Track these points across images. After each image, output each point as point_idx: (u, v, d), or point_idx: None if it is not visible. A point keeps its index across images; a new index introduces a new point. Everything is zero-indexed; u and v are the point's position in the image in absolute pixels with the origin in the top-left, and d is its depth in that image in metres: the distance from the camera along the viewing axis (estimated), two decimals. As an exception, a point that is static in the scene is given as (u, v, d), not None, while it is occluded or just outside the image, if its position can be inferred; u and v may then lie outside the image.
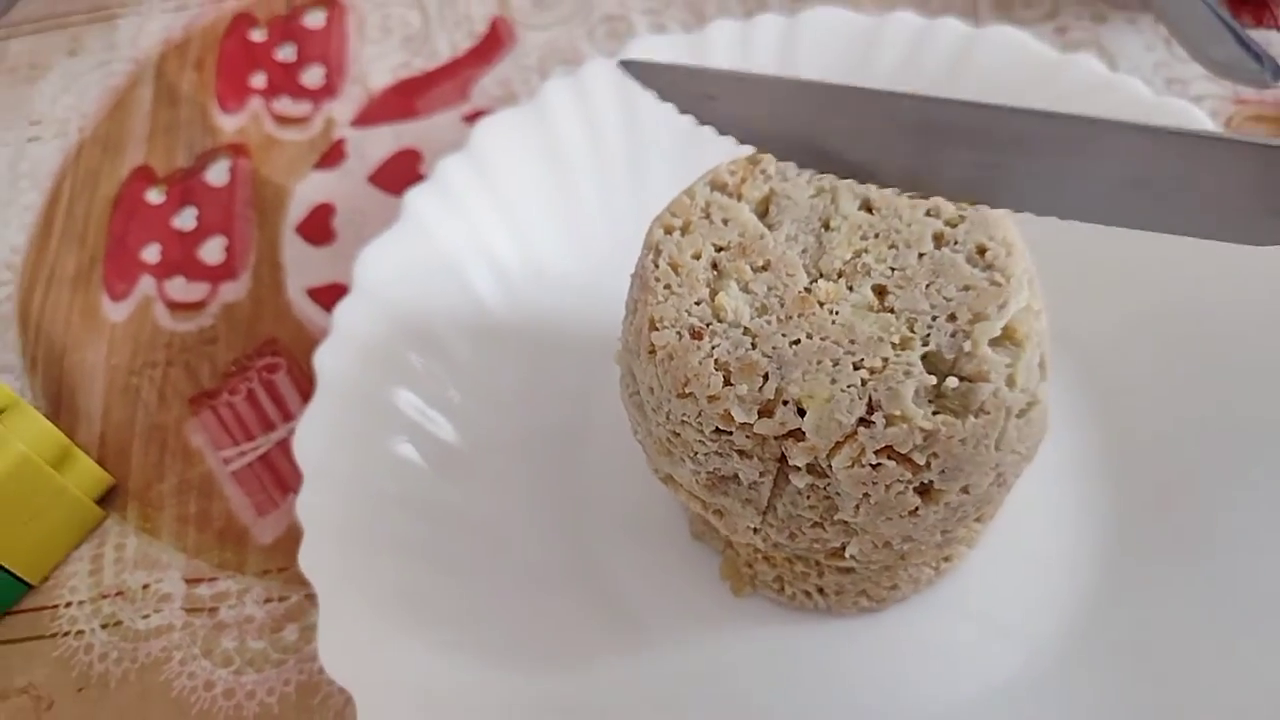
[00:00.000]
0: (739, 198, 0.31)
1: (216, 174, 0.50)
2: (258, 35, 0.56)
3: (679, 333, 0.28)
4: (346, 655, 0.31)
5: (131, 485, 0.41)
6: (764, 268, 0.29)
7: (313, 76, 0.53)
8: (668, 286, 0.29)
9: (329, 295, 0.45)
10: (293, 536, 0.38)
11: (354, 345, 0.37)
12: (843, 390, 0.26)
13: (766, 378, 0.27)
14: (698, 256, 0.30)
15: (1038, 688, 0.32)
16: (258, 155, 0.50)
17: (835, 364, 0.27)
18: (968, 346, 0.26)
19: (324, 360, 0.37)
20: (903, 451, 0.26)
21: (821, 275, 0.29)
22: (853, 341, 0.27)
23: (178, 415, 0.42)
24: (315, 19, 0.56)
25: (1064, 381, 0.37)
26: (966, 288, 0.28)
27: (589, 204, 0.43)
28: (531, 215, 0.42)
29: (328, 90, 0.53)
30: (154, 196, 0.50)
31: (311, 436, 0.35)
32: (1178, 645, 0.32)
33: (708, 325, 0.28)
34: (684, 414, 0.27)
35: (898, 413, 0.26)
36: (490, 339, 0.39)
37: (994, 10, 0.52)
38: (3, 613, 0.38)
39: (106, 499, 0.40)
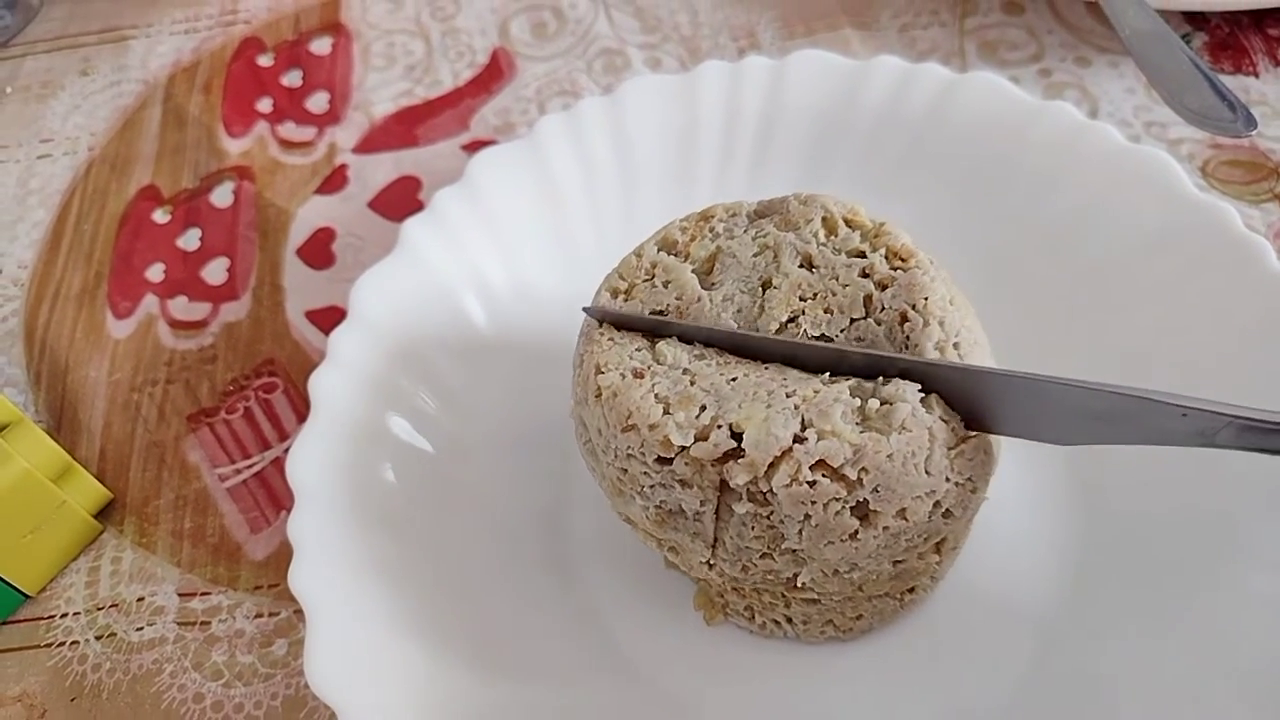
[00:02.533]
0: (685, 257, 0.34)
1: (221, 196, 0.51)
2: (265, 60, 0.57)
3: (622, 374, 0.30)
4: (333, 674, 0.32)
5: (129, 500, 0.42)
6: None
7: (317, 102, 0.55)
8: (610, 339, 0.32)
9: (327, 318, 0.46)
10: (284, 553, 0.40)
11: (349, 371, 0.38)
12: (777, 412, 0.28)
13: (704, 408, 0.29)
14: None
15: (1001, 717, 0.33)
16: (262, 178, 0.52)
17: (770, 394, 0.29)
18: (888, 390, 0.29)
19: (319, 385, 0.38)
20: (835, 465, 0.28)
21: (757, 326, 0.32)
22: (785, 379, 0.29)
23: (176, 432, 0.44)
24: (321, 45, 0.58)
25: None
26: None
27: (581, 236, 0.44)
28: (524, 247, 0.43)
29: (331, 116, 0.54)
30: (160, 216, 0.51)
31: (305, 459, 0.36)
32: (1139, 677, 0.33)
33: (648, 367, 0.30)
34: (629, 448, 0.29)
35: (828, 428, 0.28)
36: (481, 367, 0.40)
37: (980, 53, 0.53)
38: (1, 623, 0.39)
39: (104, 513, 0.42)
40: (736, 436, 0.28)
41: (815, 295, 0.32)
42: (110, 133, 0.55)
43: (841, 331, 0.31)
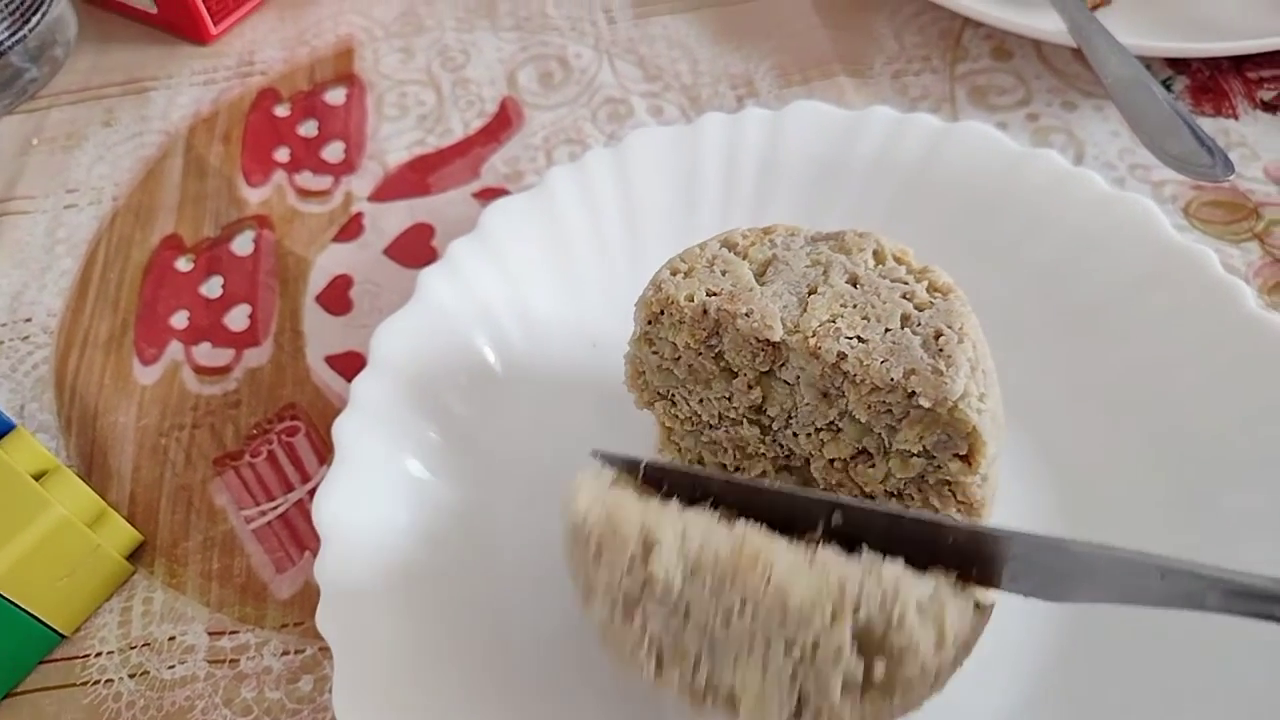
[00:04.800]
0: (744, 256, 0.36)
1: (242, 244, 0.54)
2: (282, 110, 0.60)
3: (613, 604, 0.29)
4: (360, 710, 0.34)
5: (159, 542, 0.44)
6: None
7: (333, 151, 0.57)
8: (601, 550, 0.29)
9: (346, 363, 0.48)
10: (309, 593, 0.41)
11: (370, 416, 0.40)
12: (774, 684, 0.27)
13: (698, 663, 0.27)
14: (691, 299, 0.34)
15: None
16: (280, 227, 0.54)
17: (767, 645, 0.27)
18: (896, 614, 0.26)
19: (343, 430, 0.40)
20: None
21: (797, 330, 0.33)
22: (784, 613, 0.26)
23: (203, 475, 0.45)
24: (336, 96, 0.60)
25: (1018, 452, 0.40)
26: (912, 372, 0.31)
27: (589, 281, 0.46)
28: (536, 293, 0.45)
29: (347, 165, 0.56)
30: (183, 265, 0.53)
31: (330, 502, 0.38)
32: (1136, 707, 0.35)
33: (639, 598, 0.28)
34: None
35: (825, 705, 0.26)
36: (498, 410, 0.42)
37: (970, 98, 0.56)
38: (37, 661, 0.41)
39: (136, 555, 0.43)
40: (732, 699, 0.27)
41: (856, 305, 0.33)
42: (133, 183, 0.57)
43: (870, 340, 0.32)
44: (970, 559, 0.28)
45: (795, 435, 0.36)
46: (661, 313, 0.35)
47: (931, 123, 0.47)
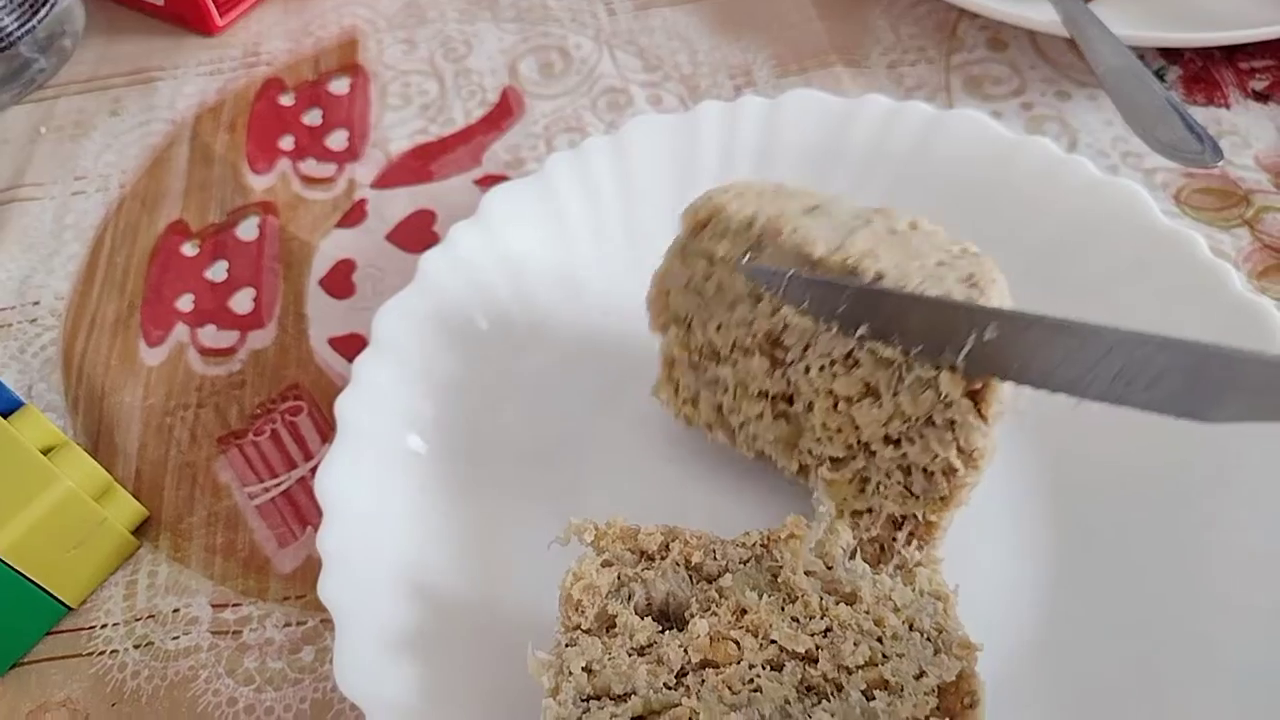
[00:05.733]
0: (793, 198, 0.38)
1: (247, 230, 0.54)
2: (286, 100, 0.61)
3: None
4: (360, 675, 0.34)
5: (164, 517, 0.44)
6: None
7: (337, 140, 0.58)
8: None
9: (348, 344, 0.49)
10: (310, 566, 0.42)
11: (372, 394, 0.41)
12: None
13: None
14: (739, 210, 0.37)
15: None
16: (285, 213, 0.55)
17: None
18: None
19: (344, 407, 0.40)
20: None
21: (840, 249, 0.35)
22: None
23: (207, 453, 0.46)
24: (340, 85, 0.61)
25: (1009, 432, 0.40)
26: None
27: (587, 265, 0.47)
28: (534, 275, 0.46)
29: (350, 153, 0.57)
30: (189, 249, 0.54)
31: (332, 477, 0.39)
32: (1121, 686, 0.35)
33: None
34: None
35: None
36: (495, 389, 0.43)
37: (965, 86, 0.56)
38: (45, 632, 0.42)
39: (141, 530, 0.44)
40: None
41: (895, 246, 0.35)
42: (140, 170, 0.58)
43: (915, 267, 0.34)
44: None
45: (807, 370, 0.36)
46: (708, 221, 0.37)
47: (925, 110, 0.48)
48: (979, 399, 0.33)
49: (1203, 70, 0.56)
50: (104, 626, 0.42)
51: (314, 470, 0.43)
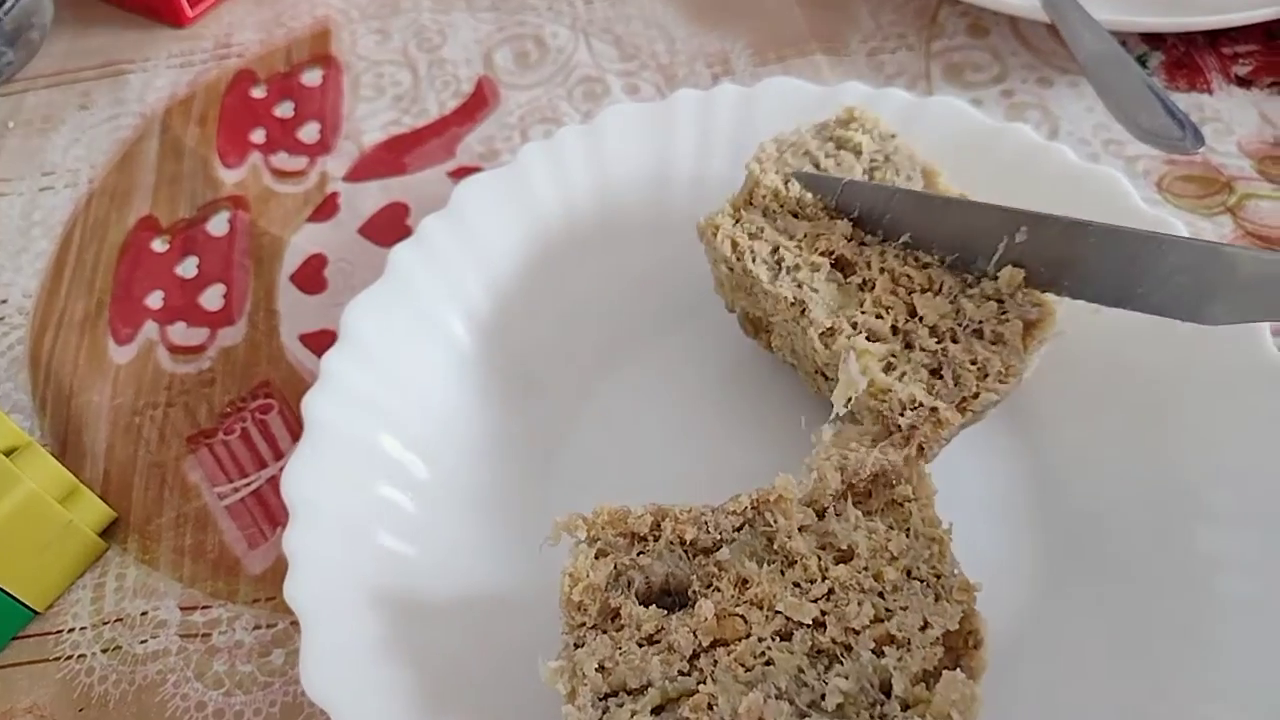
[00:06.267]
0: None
1: (217, 225, 0.53)
2: (258, 92, 0.60)
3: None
4: (327, 678, 0.34)
5: (133, 519, 0.44)
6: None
7: (309, 132, 0.57)
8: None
9: (320, 340, 0.48)
10: (281, 568, 0.41)
11: (340, 391, 0.40)
12: None
13: None
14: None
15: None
16: (256, 207, 0.54)
17: None
18: None
19: (312, 405, 0.40)
20: None
21: None
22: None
23: (176, 453, 0.45)
24: (312, 77, 0.60)
25: (996, 425, 0.40)
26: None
27: (561, 257, 0.46)
28: (507, 269, 0.45)
29: (322, 146, 0.56)
30: (158, 245, 0.53)
31: (299, 476, 0.38)
32: (1109, 682, 0.35)
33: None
34: None
35: None
36: (465, 384, 0.43)
37: (945, 74, 0.56)
38: (10, 637, 0.41)
39: (109, 531, 0.43)
40: None
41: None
42: (109, 165, 0.57)
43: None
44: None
45: (883, 252, 0.39)
46: (849, 121, 0.43)
47: (903, 97, 0.47)
48: (1031, 328, 0.37)
49: (1185, 56, 0.55)
50: (71, 631, 0.41)
51: (284, 469, 0.43)
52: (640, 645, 0.32)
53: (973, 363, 0.36)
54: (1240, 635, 0.34)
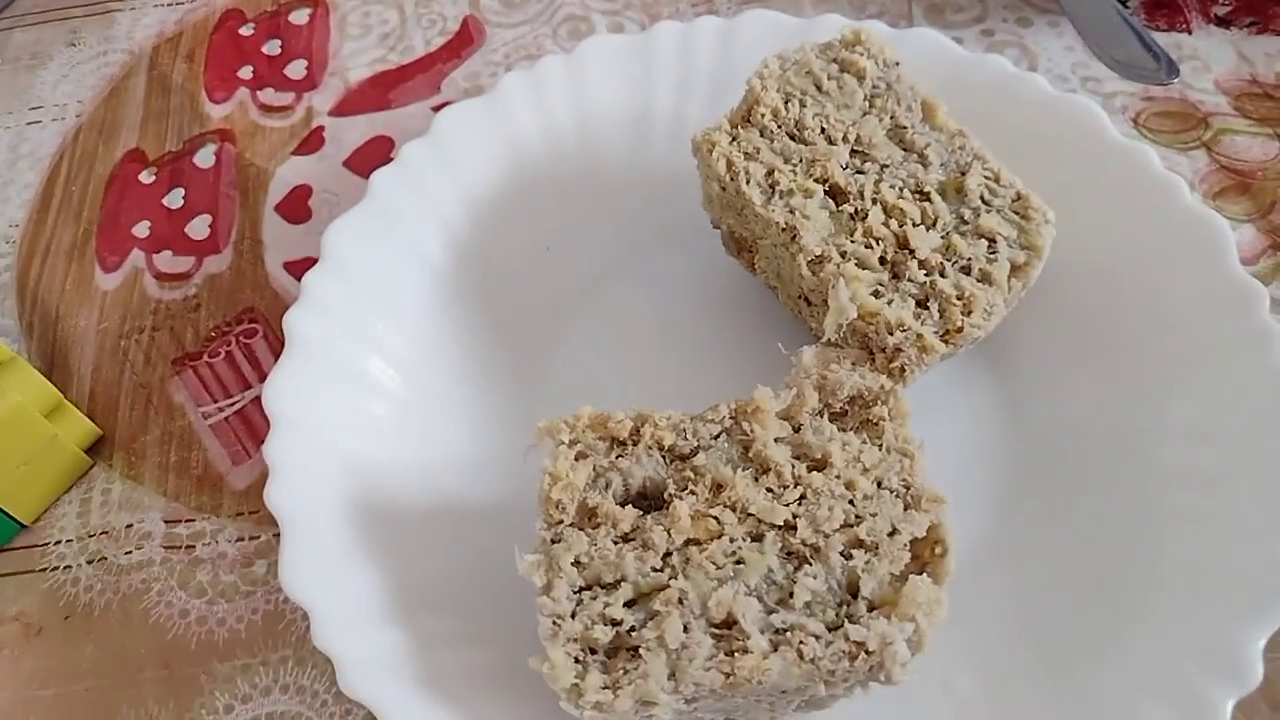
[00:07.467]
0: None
1: (204, 157, 0.54)
2: (246, 30, 0.60)
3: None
4: (305, 578, 0.35)
5: (118, 437, 0.44)
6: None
7: (296, 69, 0.57)
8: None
9: (304, 267, 0.48)
10: (263, 482, 0.42)
11: (320, 309, 0.41)
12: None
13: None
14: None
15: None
16: (243, 140, 0.54)
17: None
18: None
19: (293, 321, 0.40)
20: None
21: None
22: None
23: (162, 375, 0.46)
24: (300, 16, 0.60)
25: (972, 354, 0.41)
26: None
27: (540, 183, 0.47)
28: (487, 194, 0.46)
29: (309, 82, 0.57)
30: (146, 177, 0.53)
31: (280, 388, 0.39)
32: (1069, 580, 0.36)
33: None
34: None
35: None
36: (442, 304, 0.43)
37: (926, 14, 0.56)
38: (-2, 549, 0.42)
39: (95, 449, 0.44)
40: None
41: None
42: (97, 100, 0.57)
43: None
44: None
45: (878, 182, 0.39)
46: (855, 42, 0.42)
47: (882, 29, 0.47)
48: (1018, 270, 0.37)
49: (1166, -4, 0.56)
50: (58, 543, 0.42)
51: (266, 381, 0.43)
52: (616, 543, 0.32)
53: (959, 298, 0.37)
54: (1182, 534, 0.35)
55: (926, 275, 0.37)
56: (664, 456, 0.34)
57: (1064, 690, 0.33)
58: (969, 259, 0.38)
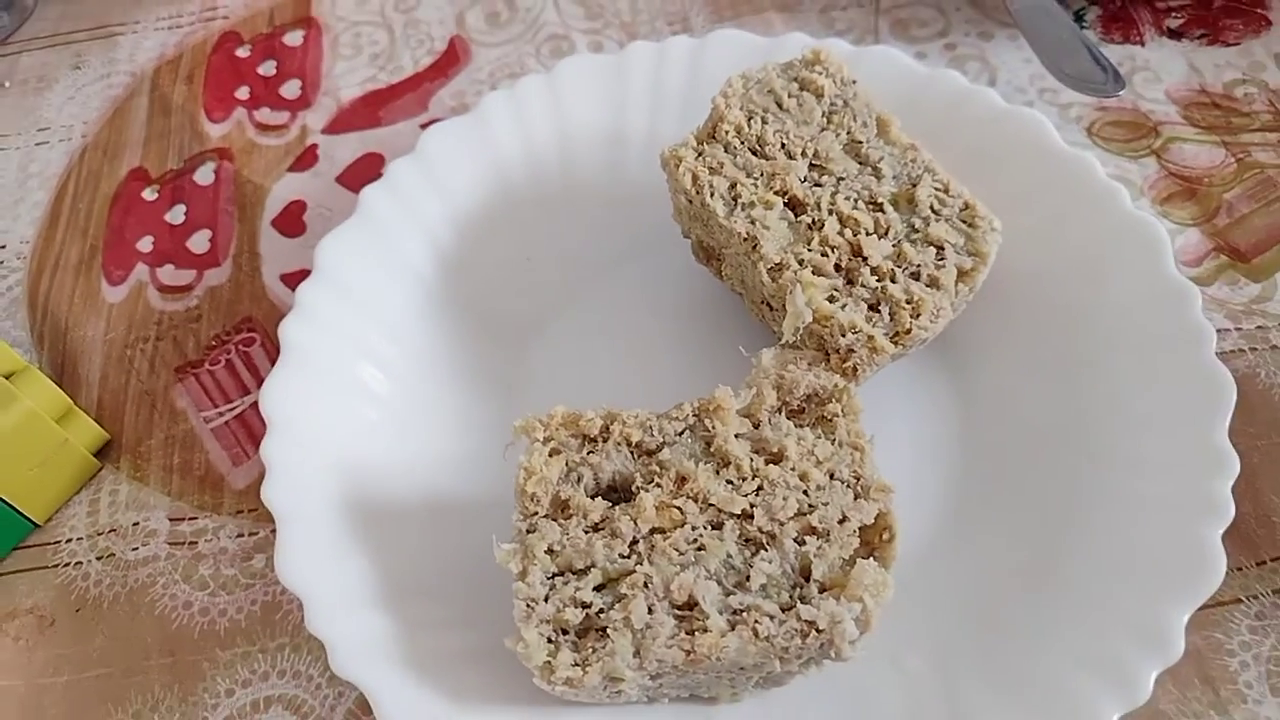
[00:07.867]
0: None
1: (203, 175, 0.57)
2: (243, 52, 0.63)
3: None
4: (299, 570, 0.37)
5: (125, 441, 0.47)
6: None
7: (290, 89, 0.60)
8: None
9: (299, 279, 0.51)
10: (262, 482, 0.45)
11: (313, 318, 0.44)
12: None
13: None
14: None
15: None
16: (240, 158, 0.57)
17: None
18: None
19: (288, 330, 0.43)
20: None
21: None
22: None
23: (165, 382, 0.49)
24: (294, 37, 0.63)
25: (923, 357, 0.43)
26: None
27: (522, 197, 0.49)
28: (470, 207, 0.48)
29: (303, 101, 0.59)
30: (148, 194, 0.56)
31: (276, 392, 0.41)
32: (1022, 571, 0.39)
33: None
34: None
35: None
36: (428, 312, 0.46)
37: (893, 29, 0.58)
38: (12, 547, 0.44)
39: (103, 452, 0.47)
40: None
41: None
42: (102, 121, 0.60)
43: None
44: None
45: (834, 195, 0.41)
46: (815, 61, 0.44)
47: (843, 47, 0.50)
48: (964, 275, 0.40)
49: (1121, 10, 0.58)
50: (69, 541, 0.45)
51: (263, 386, 0.46)
52: (586, 532, 0.35)
53: (908, 302, 0.39)
54: (1115, 519, 0.38)
55: (878, 281, 0.40)
56: (632, 452, 0.37)
57: (1005, 665, 0.36)
58: (918, 265, 0.40)
